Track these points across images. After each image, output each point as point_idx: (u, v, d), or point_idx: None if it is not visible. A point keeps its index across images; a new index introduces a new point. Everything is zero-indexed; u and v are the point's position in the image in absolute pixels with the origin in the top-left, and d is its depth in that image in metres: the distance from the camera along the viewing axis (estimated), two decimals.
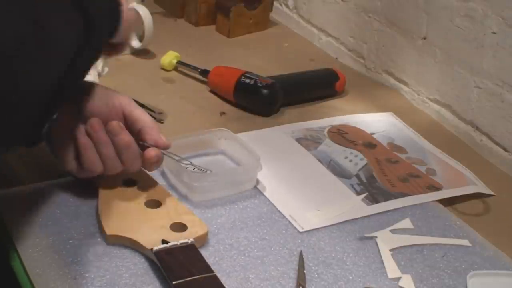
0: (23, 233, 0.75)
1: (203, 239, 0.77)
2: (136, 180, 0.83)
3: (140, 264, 0.74)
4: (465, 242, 0.83)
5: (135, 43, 1.23)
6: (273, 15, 1.46)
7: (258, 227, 0.82)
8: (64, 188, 0.83)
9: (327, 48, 1.36)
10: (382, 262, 0.78)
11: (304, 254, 0.78)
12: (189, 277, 0.68)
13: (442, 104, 1.13)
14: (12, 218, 0.77)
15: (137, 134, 0.79)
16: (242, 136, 0.97)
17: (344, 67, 1.27)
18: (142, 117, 0.79)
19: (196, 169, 0.86)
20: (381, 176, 0.95)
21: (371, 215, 0.87)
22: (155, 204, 0.80)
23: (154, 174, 0.86)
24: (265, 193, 0.88)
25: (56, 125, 0.77)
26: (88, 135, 0.76)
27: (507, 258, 0.81)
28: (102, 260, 0.73)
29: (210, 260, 0.73)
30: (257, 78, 1.08)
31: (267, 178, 0.90)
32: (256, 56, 1.29)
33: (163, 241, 0.73)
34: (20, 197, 0.81)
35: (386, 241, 0.82)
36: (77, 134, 0.76)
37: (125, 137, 0.76)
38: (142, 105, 1.04)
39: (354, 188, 0.91)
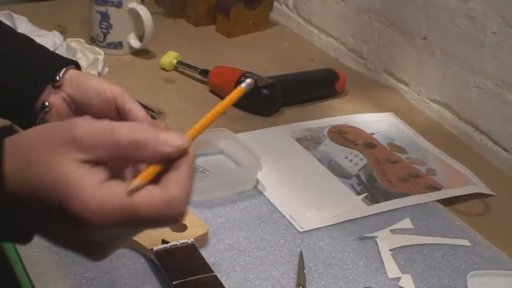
0: None
1: (203, 239, 0.77)
2: None
3: (140, 264, 0.74)
4: (465, 242, 0.83)
5: (135, 43, 1.23)
6: (273, 15, 1.46)
7: (258, 227, 0.82)
8: None
9: (327, 48, 1.36)
10: (382, 262, 0.78)
11: (304, 254, 0.78)
12: (189, 277, 0.68)
13: (442, 104, 1.13)
14: None
15: None
16: (242, 136, 0.97)
17: (344, 67, 1.27)
18: (135, 111, 0.77)
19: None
20: (381, 176, 0.95)
21: (371, 215, 0.87)
22: None
23: None
24: (265, 193, 0.88)
25: (49, 113, 0.76)
26: None
27: (507, 258, 0.81)
28: (102, 260, 0.73)
29: (210, 260, 0.73)
30: (257, 78, 1.08)
31: (267, 178, 0.90)
32: (256, 56, 1.29)
33: (163, 241, 0.73)
34: None
35: (386, 241, 0.82)
36: None
37: None
38: (143, 106, 1.04)
39: (354, 188, 0.91)
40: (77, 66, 0.79)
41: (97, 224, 0.45)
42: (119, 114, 0.77)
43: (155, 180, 0.48)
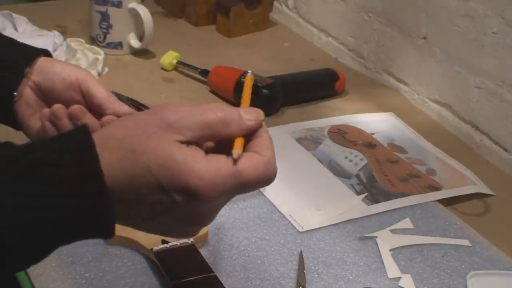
0: None
1: (203, 239, 0.77)
2: None
3: (140, 264, 0.74)
4: (465, 242, 0.83)
5: (135, 43, 1.23)
6: (273, 15, 1.46)
7: (258, 227, 0.82)
8: None
9: (327, 48, 1.36)
10: (382, 262, 0.78)
11: (304, 254, 0.78)
12: (189, 277, 0.68)
13: (442, 104, 1.13)
14: None
15: (97, 110, 0.74)
16: None
17: (344, 67, 1.27)
18: (99, 93, 0.74)
19: None
20: (381, 176, 0.95)
21: (371, 215, 0.87)
22: None
23: None
24: (265, 193, 0.88)
25: (17, 102, 0.74)
26: (52, 121, 0.72)
27: (507, 258, 0.81)
28: (102, 260, 0.73)
29: (210, 260, 0.73)
30: (257, 78, 1.08)
31: None
32: (256, 56, 1.29)
33: (163, 241, 0.73)
34: None
35: (386, 241, 0.82)
36: (41, 119, 0.73)
37: (87, 122, 0.72)
38: (142, 105, 1.04)
39: (354, 188, 0.91)
40: (46, 54, 0.76)
41: (213, 194, 0.50)
42: (85, 98, 0.75)
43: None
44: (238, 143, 0.52)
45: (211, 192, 0.50)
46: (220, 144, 0.54)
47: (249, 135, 0.54)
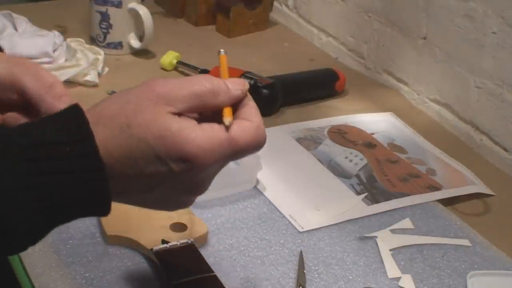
0: None
1: (203, 239, 0.77)
2: None
3: (140, 264, 0.74)
4: (465, 242, 0.83)
5: (135, 43, 1.23)
6: (273, 15, 1.46)
7: (258, 227, 0.82)
8: None
9: (327, 48, 1.36)
10: (382, 262, 0.78)
11: (304, 254, 0.78)
12: (189, 277, 0.68)
13: (442, 104, 1.13)
14: None
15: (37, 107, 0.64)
16: None
17: (344, 67, 1.27)
18: (31, 91, 0.63)
19: None
20: (381, 176, 0.95)
21: (371, 215, 0.87)
22: None
23: None
24: (265, 193, 0.88)
25: None
26: None
27: (507, 258, 0.81)
28: (102, 260, 0.73)
29: (210, 260, 0.73)
30: (257, 78, 1.08)
31: (267, 178, 0.90)
32: (256, 56, 1.29)
33: (163, 241, 0.73)
34: None
35: (386, 241, 0.82)
36: None
37: None
38: None
39: (354, 188, 0.91)
40: None
41: (209, 161, 0.51)
42: (23, 97, 0.64)
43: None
44: (227, 112, 0.54)
45: (208, 159, 0.51)
46: (205, 116, 0.55)
47: (236, 105, 0.55)
